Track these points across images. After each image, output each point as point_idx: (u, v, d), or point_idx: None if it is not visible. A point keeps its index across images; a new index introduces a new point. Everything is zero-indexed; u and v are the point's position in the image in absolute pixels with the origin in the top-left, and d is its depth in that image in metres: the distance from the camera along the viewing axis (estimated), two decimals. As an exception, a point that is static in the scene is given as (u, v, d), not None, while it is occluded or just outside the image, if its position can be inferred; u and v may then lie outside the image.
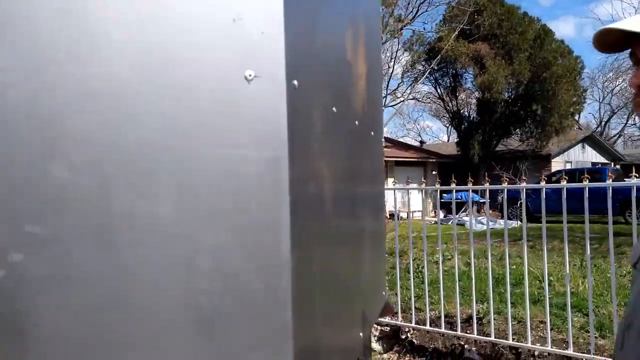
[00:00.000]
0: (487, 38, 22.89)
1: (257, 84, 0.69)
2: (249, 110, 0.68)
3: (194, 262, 0.65)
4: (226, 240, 0.66)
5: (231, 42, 0.68)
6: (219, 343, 0.66)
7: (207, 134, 0.66)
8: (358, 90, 1.31)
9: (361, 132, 1.36)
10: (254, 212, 0.68)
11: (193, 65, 0.65)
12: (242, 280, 0.67)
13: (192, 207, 0.65)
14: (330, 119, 0.99)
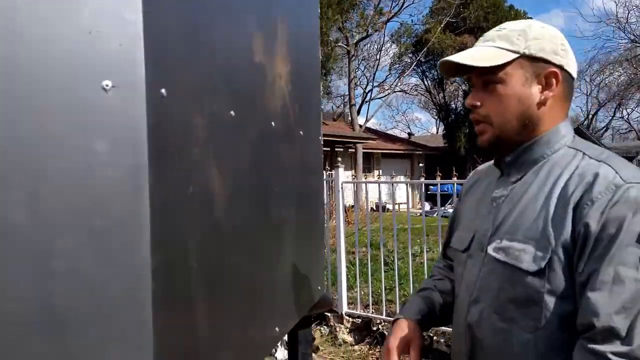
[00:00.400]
0: (474, 31, 22.93)
1: (115, 94, 0.71)
2: (107, 120, 0.71)
3: (48, 265, 0.68)
4: (82, 243, 0.70)
5: (87, 54, 0.70)
6: (73, 343, 0.69)
7: (60, 143, 0.69)
8: (275, 91, 1.34)
9: (281, 132, 1.39)
10: (113, 216, 0.71)
11: (45, 77, 0.68)
12: (99, 280, 0.70)
13: (47, 213, 0.68)
14: (225, 123, 1.02)
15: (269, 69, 1.29)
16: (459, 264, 1.19)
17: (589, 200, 0.94)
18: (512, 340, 1.00)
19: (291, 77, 1.50)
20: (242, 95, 1.12)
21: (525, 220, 1.02)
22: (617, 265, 0.90)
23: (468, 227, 1.18)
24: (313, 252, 1.75)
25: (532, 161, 1.09)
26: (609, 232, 0.91)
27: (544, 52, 1.06)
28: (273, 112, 1.33)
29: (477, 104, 1.09)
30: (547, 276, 0.96)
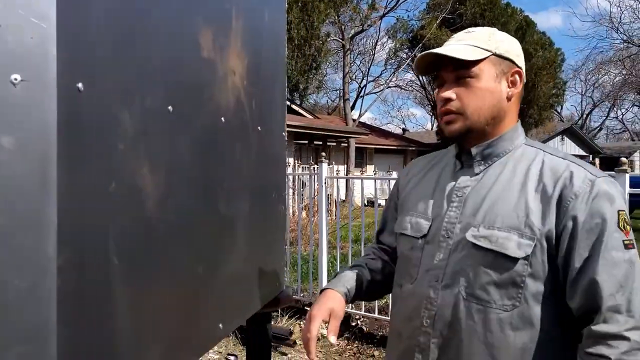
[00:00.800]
0: (470, 28, 22.92)
1: (24, 88, 0.70)
2: (15, 114, 0.70)
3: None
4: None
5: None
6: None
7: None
8: (226, 87, 1.33)
9: (234, 128, 1.38)
10: (19, 213, 0.70)
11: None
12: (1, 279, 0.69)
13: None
14: (161, 119, 1.01)
15: (219, 64, 1.28)
16: (414, 249, 1.25)
17: (573, 195, 1.07)
18: (489, 319, 1.10)
19: (248, 72, 1.49)
20: (184, 90, 1.11)
21: (502, 211, 1.12)
22: (610, 251, 1.04)
23: (422, 214, 1.25)
24: (270, 249, 1.74)
25: (496, 155, 1.20)
26: (595, 221, 1.05)
27: (510, 53, 1.19)
28: (223, 108, 1.32)
29: (453, 97, 1.17)
30: (529, 262, 1.08)
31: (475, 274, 1.12)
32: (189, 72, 1.14)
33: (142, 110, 0.95)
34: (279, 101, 1.83)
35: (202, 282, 1.20)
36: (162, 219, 1.02)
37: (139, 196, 0.95)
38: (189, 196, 1.13)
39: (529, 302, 1.09)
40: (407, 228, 1.28)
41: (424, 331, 1.18)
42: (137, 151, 0.94)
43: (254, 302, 1.58)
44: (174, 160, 1.07)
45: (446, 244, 1.18)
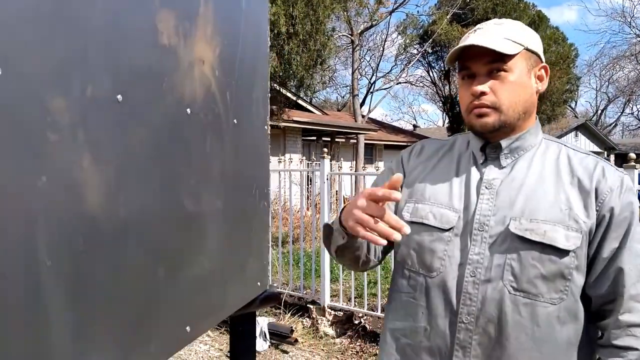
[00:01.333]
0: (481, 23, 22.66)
1: None
2: None
3: None
4: None
5: None
6: None
7: None
8: (194, 76, 1.25)
9: (202, 120, 1.30)
10: None
11: None
12: None
13: None
14: (108, 108, 0.94)
15: (182, 52, 1.21)
16: (437, 241, 1.20)
17: (608, 189, 1.11)
18: (537, 313, 1.10)
19: (221, 62, 1.41)
20: (138, 78, 1.04)
21: (542, 204, 1.13)
22: (635, 243, 1.11)
23: (447, 206, 1.22)
24: (251, 247, 1.67)
25: (524, 148, 1.21)
26: (625, 214, 1.11)
27: (538, 49, 1.20)
28: (189, 99, 1.24)
29: (488, 91, 1.15)
30: (576, 254, 1.10)
31: (522, 267, 1.10)
32: (144, 58, 1.06)
33: (82, 98, 0.88)
34: (261, 94, 1.75)
35: (163, 284, 1.13)
36: (109, 216, 0.95)
37: (79, 192, 0.87)
38: (144, 191, 1.06)
39: (574, 295, 1.11)
40: (429, 218, 1.23)
41: (465, 328, 1.14)
42: (76, 143, 0.86)
43: (230, 303, 1.51)
44: (125, 152, 1.00)
45: (481, 237, 1.15)
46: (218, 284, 1.41)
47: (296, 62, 7.85)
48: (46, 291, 0.80)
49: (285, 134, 15.33)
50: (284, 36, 7.91)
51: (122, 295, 0.99)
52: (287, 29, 7.85)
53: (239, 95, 1.56)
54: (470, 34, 1.20)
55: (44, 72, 0.79)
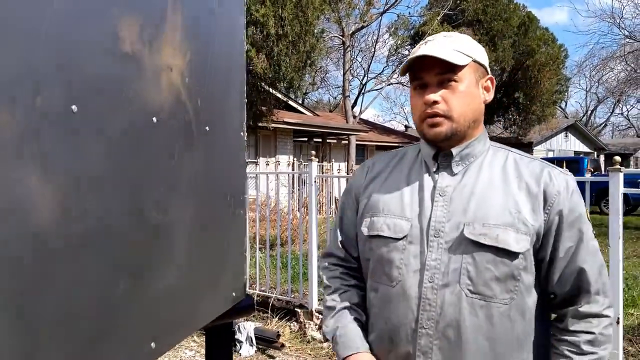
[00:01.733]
0: (472, 24, 22.70)
1: None
2: None
3: None
4: None
5: None
6: None
7: None
8: (160, 85, 1.22)
9: (171, 128, 1.27)
10: None
11: None
12: None
13: None
14: (60, 119, 0.90)
15: (146, 60, 1.17)
16: (392, 250, 1.23)
17: (556, 192, 1.17)
18: (492, 314, 1.15)
19: (191, 69, 1.38)
20: (95, 89, 1.00)
21: (492, 209, 1.17)
22: (590, 241, 1.18)
23: (399, 216, 1.24)
24: (224, 256, 1.63)
25: (473, 155, 1.24)
26: (574, 215, 1.17)
27: (485, 61, 1.26)
28: (155, 107, 1.21)
29: (440, 100, 1.19)
30: (525, 256, 1.15)
31: (477, 271, 1.15)
32: (104, 68, 1.02)
33: (30, 112, 0.84)
34: (236, 100, 1.72)
35: (122, 299, 1.09)
36: (60, 230, 0.91)
37: (26, 208, 0.83)
38: (103, 202, 1.02)
39: (523, 294, 1.17)
40: (384, 229, 1.25)
41: (425, 333, 1.17)
42: (22, 156, 0.82)
43: (201, 316, 1.47)
44: (81, 163, 0.96)
45: (437, 243, 1.18)
46: (187, 296, 1.38)
47: (285, 64, 7.81)
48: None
49: (276, 136, 15.28)
50: (274, 37, 7.87)
51: (74, 312, 0.95)
52: (277, 31, 7.81)
53: (212, 103, 1.52)
54: (421, 45, 1.23)
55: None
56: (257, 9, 7.70)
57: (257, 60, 7.97)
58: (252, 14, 7.89)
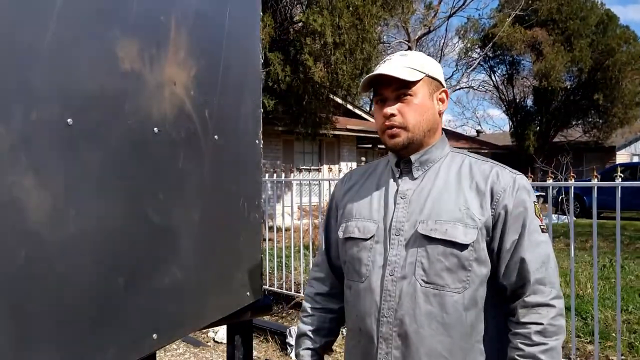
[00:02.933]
0: (545, 24, 21.91)
1: None
2: None
3: None
4: None
5: None
6: None
7: None
8: (163, 98, 1.33)
9: (174, 138, 1.38)
10: None
11: None
12: None
13: None
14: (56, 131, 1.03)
15: (147, 76, 1.29)
16: (362, 250, 1.37)
17: (501, 189, 1.28)
18: (445, 302, 1.25)
19: (197, 82, 1.49)
20: (92, 103, 1.12)
21: (445, 206, 1.29)
22: (533, 233, 1.27)
23: (368, 218, 1.39)
24: (238, 258, 1.73)
25: (432, 161, 1.38)
26: (519, 210, 1.27)
27: (438, 75, 1.39)
28: (156, 119, 1.32)
29: (396, 113, 1.33)
30: (474, 247, 1.26)
31: (430, 263, 1.26)
32: (101, 84, 1.14)
33: (25, 124, 0.97)
34: (250, 110, 1.81)
35: (121, 293, 1.21)
36: (55, 231, 1.03)
37: (20, 208, 0.96)
38: (99, 207, 1.14)
39: (475, 283, 1.27)
40: (355, 232, 1.39)
41: (386, 321, 1.29)
42: (18, 164, 0.95)
43: (210, 313, 1.57)
44: (76, 171, 1.08)
45: (397, 241, 1.32)
46: (192, 294, 1.48)
47: (342, 72, 7.90)
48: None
49: (339, 143, 15.42)
50: (331, 46, 7.98)
51: (73, 304, 1.07)
52: (334, 39, 7.93)
53: (222, 113, 1.62)
54: (380, 64, 1.38)
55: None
56: (315, 19, 7.84)
57: (315, 69, 8.11)
58: (310, 24, 8.06)
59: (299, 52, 8.58)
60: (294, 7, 9.32)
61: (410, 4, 8.93)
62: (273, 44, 8.85)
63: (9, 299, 0.94)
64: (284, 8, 8.87)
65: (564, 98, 24.23)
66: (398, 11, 9.03)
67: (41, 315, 1.01)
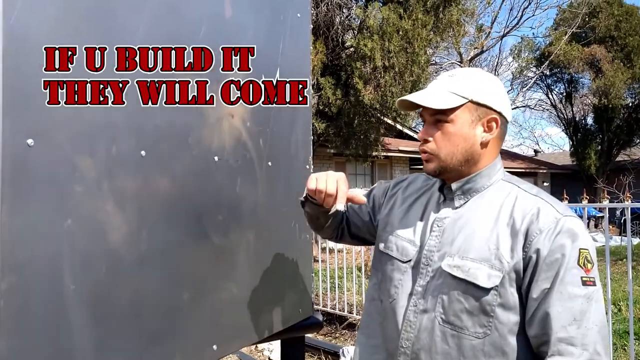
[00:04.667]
0: (604, 40, 21.28)
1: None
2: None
3: None
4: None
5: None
6: None
7: None
8: (223, 129, 1.47)
9: (232, 165, 1.52)
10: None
11: None
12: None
13: None
14: (131, 162, 1.18)
15: (210, 111, 1.44)
16: (396, 271, 1.34)
17: (538, 230, 1.15)
18: (463, 345, 1.18)
19: (253, 115, 1.63)
20: (162, 136, 1.27)
21: (476, 243, 1.21)
22: (566, 285, 1.11)
23: (409, 240, 1.34)
24: (290, 276, 1.84)
25: (475, 190, 1.29)
26: (555, 257, 1.12)
27: (488, 99, 1.25)
28: (216, 148, 1.47)
29: (429, 139, 1.28)
30: (498, 292, 1.16)
31: (449, 301, 1.20)
32: (169, 119, 1.30)
33: (108, 157, 1.12)
34: (301, 137, 1.94)
35: (187, 307, 1.34)
36: (130, 249, 1.18)
37: (103, 230, 1.11)
38: (167, 228, 1.29)
39: (499, 331, 1.16)
40: (393, 250, 1.36)
41: (403, 352, 1.26)
42: (99, 192, 1.11)
43: (262, 328, 1.68)
44: (149, 197, 1.23)
45: (426, 271, 1.27)
46: (248, 309, 1.60)
47: (391, 94, 8.01)
48: (70, 308, 1.03)
49: (392, 164, 15.46)
50: (380, 70, 8.11)
51: (144, 314, 1.22)
52: (383, 63, 8.07)
53: (275, 141, 1.76)
54: (430, 83, 1.34)
55: (72, 140, 1.04)
56: (366, 43, 8.00)
57: (365, 92, 8.25)
58: (360, 49, 8.23)
59: (349, 76, 8.75)
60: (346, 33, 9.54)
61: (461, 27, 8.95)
62: (325, 69, 9.08)
63: (93, 309, 1.09)
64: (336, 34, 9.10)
65: (626, 116, 23.35)
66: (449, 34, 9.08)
67: (118, 324, 1.15)
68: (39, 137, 0.98)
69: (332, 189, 1.30)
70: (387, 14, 7.93)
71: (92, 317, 1.09)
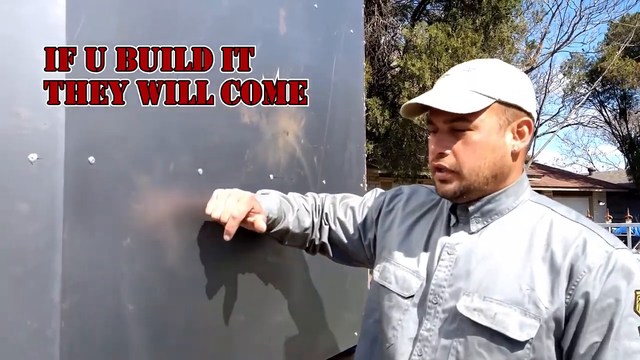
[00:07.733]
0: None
1: (39, 165, 0.89)
2: (30, 186, 0.89)
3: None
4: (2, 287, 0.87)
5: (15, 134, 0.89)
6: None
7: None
8: (277, 146, 1.45)
9: (286, 183, 1.49)
10: (30, 265, 0.87)
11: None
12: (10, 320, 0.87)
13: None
14: (188, 180, 1.16)
15: (264, 127, 1.41)
16: (395, 308, 1.09)
17: (586, 268, 0.91)
18: None
19: (307, 131, 1.60)
20: (218, 154, 1.25)
21: (502, 279, 0.96)
22: (622, 339, 0.89)
23: (412, 270, 1.09)
24: (344, 300, 1.78)
25: (498, 212, 1.04)
26: (608, 301, 0.90)
27: (518, 98, 1.01)
28: (271, 166, 1.44)
29: (446, 152, 1.01)
30: (532, 346, 0.92)
31: (467, 354, 0.95)
32: (225, 137, 1.28)
33: (165, 175, 1.10)
34: (355, 154, 1.90)
35: (242, 328, 1.30)
36: (188, 269, 1.15)
37: (160, 249, 1.09)
38: (223, 248, 1.25)
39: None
40: (392, 281, 1.11)
41: None
42: (158, 210, 1.09)
43: (319, 351, 1.63)
44: (205, 215, 1.21)
45: (435, 312, 1.02)
46: (303, 332, 1.55)
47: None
48: (129, 329, 1.01)
49: (440, 184, 15.24)
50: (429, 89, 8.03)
51: (199, 335, 1.18)
52: (432, 82, 7.98)
53: (330, 159, 1.72)
54: (437, 81, 1.09)
55: (131, 157, 1.03)
56: (414, 63, 7.95)
57: (413, 112, 8.18)
58: (408, 68, 8.18)
59: (396, 95, 8.71)
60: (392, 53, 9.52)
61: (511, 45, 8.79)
62: (371, 89, 9.07)
63: (150, 330, 1.06)
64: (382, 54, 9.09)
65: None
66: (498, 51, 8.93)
67: (175, 344, 1.12)
68: (99, 154, 0.96)
69: (217, 214, 1.13)
70: (435, 33, 7.87)
71: (149, 338, 1.06)
